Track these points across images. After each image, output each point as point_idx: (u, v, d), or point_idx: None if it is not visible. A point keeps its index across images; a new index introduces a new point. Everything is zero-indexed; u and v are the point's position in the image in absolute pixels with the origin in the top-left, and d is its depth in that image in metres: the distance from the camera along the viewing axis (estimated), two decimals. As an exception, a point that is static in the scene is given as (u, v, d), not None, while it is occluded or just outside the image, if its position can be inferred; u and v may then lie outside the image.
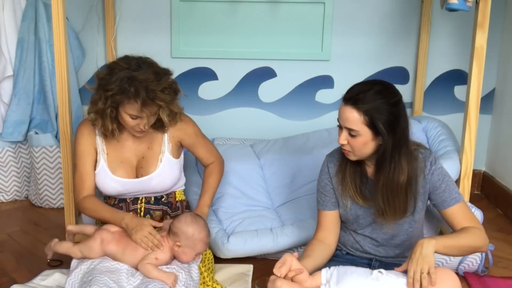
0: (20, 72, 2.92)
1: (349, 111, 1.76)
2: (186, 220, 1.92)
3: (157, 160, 2.11)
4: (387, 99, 1.74)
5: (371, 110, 1.73)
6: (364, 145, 1.78)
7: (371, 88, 1.76)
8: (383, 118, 1.73)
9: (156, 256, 1.88)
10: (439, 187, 1.84)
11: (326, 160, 1.99)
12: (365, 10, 3.05)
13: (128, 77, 1.91)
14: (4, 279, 2.20)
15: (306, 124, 3.18)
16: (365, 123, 1.74)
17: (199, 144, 2.25)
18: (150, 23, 3.11)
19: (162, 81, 1.95)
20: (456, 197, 1.85)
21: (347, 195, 1.90)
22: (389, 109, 1.74)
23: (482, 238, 1.81)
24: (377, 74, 3.12)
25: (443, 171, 1.86)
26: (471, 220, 1.85)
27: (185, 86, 3.16)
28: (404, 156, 1.79)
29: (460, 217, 1.84)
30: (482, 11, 2.22)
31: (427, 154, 1.86)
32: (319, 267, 1.85)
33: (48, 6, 2.83)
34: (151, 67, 1.98)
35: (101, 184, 2.12)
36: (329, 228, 1.97)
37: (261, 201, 2.61)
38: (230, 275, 2.20)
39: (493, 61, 3.06)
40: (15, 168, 3.06)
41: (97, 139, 2.12)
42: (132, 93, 1.89)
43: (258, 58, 3.13)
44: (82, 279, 1.84)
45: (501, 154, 3.05)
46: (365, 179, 1.89)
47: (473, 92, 2.32)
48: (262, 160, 2.79)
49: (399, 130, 1.76)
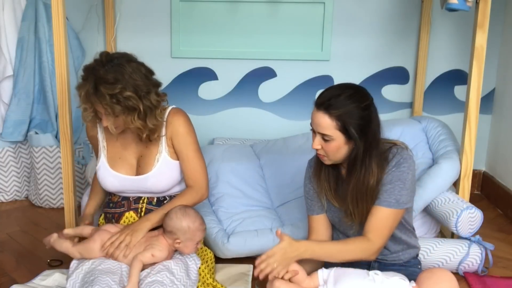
0: (20, 72, 2.92)
1: (321, 117, 1.78)
2: (177, 215, 1.92)
3: (153, 160, 2.10)
4: (358, 103, 1.75)
5: (343, 115, 1.74)
6: (338, 149, 1.79)
7: (342, 93, 1.77)
8: (355, 123, 1.75)
9: (152, 253, 1.89)
10: (385, 185, 1.80)
11: (307, 166, 2.02)
12: (365, 10, 3.05)
13: (93, 68, 1.91)
14: (4, 279, 2.20)
15: (306, 124, 3.15)
16: (337, 128, 1.76)
17: (186, 158, 2.09)
18: (150, 23, 3.11)
19: (115, 88, 1.87)
20: (390, 202, 1.79)
21: (324, 196, 1.92)
22: (360, 114, 1.75)
23: (367, 254, 1.78)
24: (377, 74, 3.13)
25: (401, 176, 1.80)
26: (376, 233, 1.78)
27: (185, 86, 3.19)
28: (375, 158, 1.79)
29: (373, 220, 1.79)
30: (482, 11, 2.23)
31: (398, 153, 1.82)
32: (315, 268, 1.85)
33: (48, 6, 2.83)
34: (119, 72, 1.89)
35: (101, 179, 2.13)
36: (320, 232, 1.97)
37: (261, 201, 2.62)
38: (230, 275, 2.20)
39: (493, 61, 3.06)
40: (15, 168, 3.06)
41: (98, 136, 2.14)
42: (84, 82, 1.91)
43: (258, 58, 3.13)
44: (84, 279, 1.84)
45: (501, 154, 3.06)
46: (340, 181, 1.90)
47: (473, 92, 2.32)
48: (262, 160, 2.79)
49: (370, 134, 1.78)
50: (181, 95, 3.18)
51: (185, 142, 2.09)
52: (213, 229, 2.31)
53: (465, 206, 2.24)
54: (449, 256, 2.20)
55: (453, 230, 2.24)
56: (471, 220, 2.23)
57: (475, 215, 2.23)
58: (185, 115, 2.13)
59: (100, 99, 1.88)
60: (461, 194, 2.40)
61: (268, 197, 2.65)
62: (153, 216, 2.01)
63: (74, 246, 1.97)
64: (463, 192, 2.40)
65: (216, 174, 2.65)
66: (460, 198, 2.36)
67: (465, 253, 2.21)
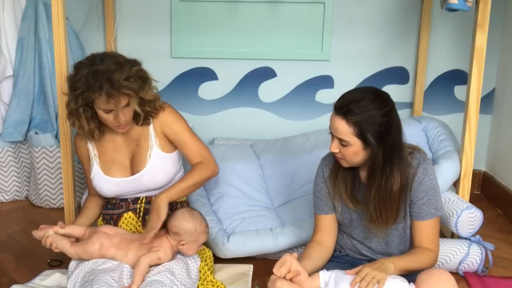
0: (20, 72, 2.92)
1: (339, 122, 1.75)
2: (184, 216, 1.92)
3: (146, 156, 2.09)
4: (377, 110, 1.72)
5: (361, 122, 1.71)
6: (355, 154, 1.77)
7: (362, 98, 1.73)
8: (373, 130, 1.71)
9: (159, 256, 1.88)
10: (421, 199, 1.81)
11: (321, 164, 1.99)
12: (365, 10, 3.05)
13: (91, 72, 1.90)
14: (4, 279, 2.20)
15: (306, 124, 3.18)
16: (354, 134, 1.73)
17: (184, 142, 2.10)
18: (150, 23, 3.11)
19: (124, 70, 1.91)
20: (432, 212, 1.83)
21: (338, 198, 1.90)
22: (380, 121, 1.72)
23: (433, 262, 1.83)
24: (377, 74, 3.12)
25: (432, 183, 1.82)
26: (432, 242, 1.84)
27: (185, 86, 3.19)
28: (397, 166, 1.77)
29: (424, 233, 1.83)
30: (482, 11, 2.22)
31: (421, 159, 1.83)
32: (317, 268, 1.85)
33: (48, 6, 2.83)
34: (114, 59, 1.95)
35: (98, 187, 2.13)
36: (327, 232, 1.97)
37: (261, 201, 2.61)
38: (230, 275, 2.20)
39: (493, 61, 3.06)
40: (15, 168, 3.06)
41: (88, 146, 2.14)
42: (96, 86, 1.88)
43: (258, 58, 3.13)
44: (84, 279, 1.84)
45: (501, 154, 3.05)
46: (358, 182, 1.89)
47: (473, 92, 2.32)
48: (262, 160, 2.79)
49: (391, 141, 1.75)
50: (181, 95, 3.18)
51: (178, 129, 2.10)
52: (213, 229, 2.31)
53: (465, 206, 2.24)
54: (449, 256, 2.20)
55: (453, 230, 2.24)
56: (471, 220, 2.23)
57: (475, 215, 2.23)
58: (168, 106, 2.14)
59: (120, 87, 1.89)
60: (461, 194, 2.40)
61: (268, 197, 2.65)
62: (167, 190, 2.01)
63: (72, 246, 1.96)
64: (463, 192, 2.40)
65: (216, 174, 2.65)
66: (460, 198, 2.36)
67: (465, 253, 2.21)
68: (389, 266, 1.71)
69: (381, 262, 1.73)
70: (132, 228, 2.11)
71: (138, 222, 2.12)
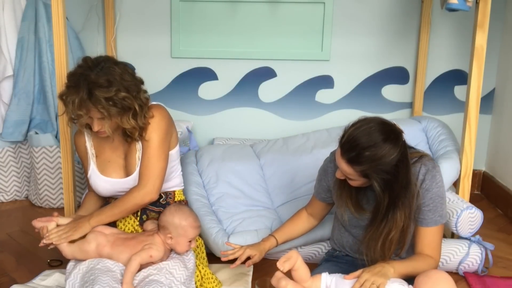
0: (20, 72, 2.92)
1: (344, 164, 1.73)
2: (170, 211, 1.95)
3: (135, 159, 2.08)
4: (385, 158, 1.67)
5: (367, 170, 1.70)
6: (362, 184, 1.79)
7: (369, 146, 1.66)
8: (380, 178, 1.70)
9: (150, 254, 1.89)
10: (427, 205, 1.81)
11: (329, 158, 2.00)
12: (365, 10, 3.05)
13: (82, 74, 1.91)
14: (4, 279, 2.20)
15: (306, 124, 3.18)
16: (361, 176, 1.73)
17: (145, 153, 2.02)
18: (150, 23, 3.11)
19: (110, 91, 1.88)
20: (437, 220, 1.83)
21: (343, 204, 1.90)
22: (387, 169, 1.69)
23: (432, 268, 1.82)
24: (377, 74, 3.12)
25: (439, 191, 1.82)
26: (434, 250, 1.85)
27: (185, 86, 3.19)
28: (401, 209, 1.73)
29: (427, 240, 1.84)
30: (482, 11, 2.23)
31: (430, 166, 1.81)
32: (294, 237, 2.13)
33: (48, 6, 2.83)
34: (112, 75, 1.91)
35: (94, 186, 2.14)
36: (315, 213, 2.14)
37: (261, 201, 2.61)
38: (230, 275, 2.20)
39: (493, 61, 3.06)
40: (15, 168, 3.06)
41: (87, 145, 2.15)
42: (76, 89, 1.89)
43: (258, 58, 3.13)
44: (83, 279, 1.83)
45: (501, 154, 3.05)
46: (362, 192, 1.88)
47: (473, 92, 2.32)
48: (262, 160, 2.79)
49: (397, 188, 1.72)
50: (181, 95, 3.18)
51: (150, 139, 2.03)
52: (213, 229, 2.31)
53: (465, 206, 2.24)
54: (449, 256, 2.20)
55: (453, 230, 2.24)
56: (471, 220, 2.23)
57: (475, 215, 2.23)
58: (159, 112, 2.07)
59: (96, 103, 1.88)
60: (461, 194, 2.40)
61: (268, 197, 2.65)
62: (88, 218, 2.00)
63: (68, 245, 1.95)
64: (463, 192, 2.40)
65: (216, 174, 2.65)
66: (460, 198, 2.36)
67: (465, 253, 2.21)
68: (389, 270, 1.71)
69: (381, 266, 1.73)
70: (130, 227, 2.12)
71: (135, 222, 2.12)
